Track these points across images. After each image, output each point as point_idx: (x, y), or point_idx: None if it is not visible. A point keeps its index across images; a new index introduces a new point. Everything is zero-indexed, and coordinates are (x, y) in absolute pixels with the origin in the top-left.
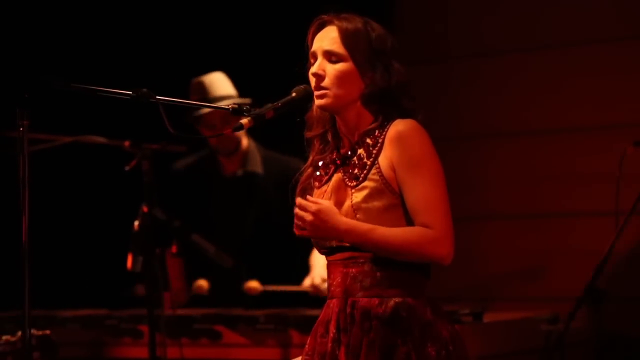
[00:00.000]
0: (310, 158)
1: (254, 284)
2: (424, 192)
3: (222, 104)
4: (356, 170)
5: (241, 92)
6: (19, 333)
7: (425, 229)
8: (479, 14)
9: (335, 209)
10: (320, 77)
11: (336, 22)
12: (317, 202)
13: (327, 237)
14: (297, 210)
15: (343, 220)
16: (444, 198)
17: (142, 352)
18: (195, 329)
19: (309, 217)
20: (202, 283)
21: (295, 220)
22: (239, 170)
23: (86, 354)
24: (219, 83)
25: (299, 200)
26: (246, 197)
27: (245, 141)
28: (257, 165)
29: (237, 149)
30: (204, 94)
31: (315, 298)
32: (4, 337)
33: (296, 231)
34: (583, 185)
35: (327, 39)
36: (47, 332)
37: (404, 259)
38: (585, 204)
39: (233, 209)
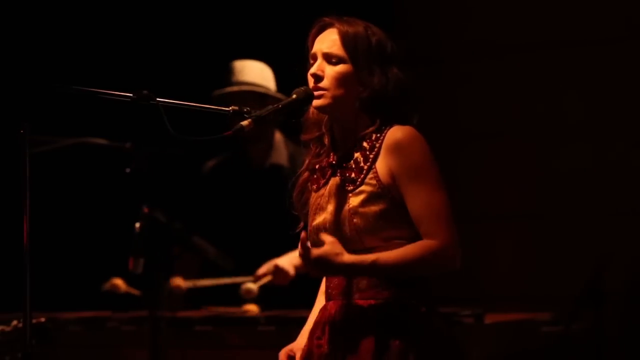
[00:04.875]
0: (307, 161)
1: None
2: (425, 200)
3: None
4: (353, 174)
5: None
6: (14, 322)
7: (429, 242)
8: (474, 15)
9: (335, 250)
10: (318, 78)
11: (337, 24)
12: (314, 251)
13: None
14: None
15: (345, 260)
16: (446, 204)
17: (143, 354)
18: (196, 331)
19: (311, 262)
20: (252, 307)
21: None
22: (266, 162)
23: (87, 356)
24: (248, 69)
25: (300, 245)
26: (271, 189)
27: (274, 133)
28: (283, 158)
29: (266, 138)
30: (232, 76)
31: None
32: None
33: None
34: (581, 187)
35: (327, 41)
36: (42, 319)
37: (418, 275)
38: (587, 205)
39: (258, 200)
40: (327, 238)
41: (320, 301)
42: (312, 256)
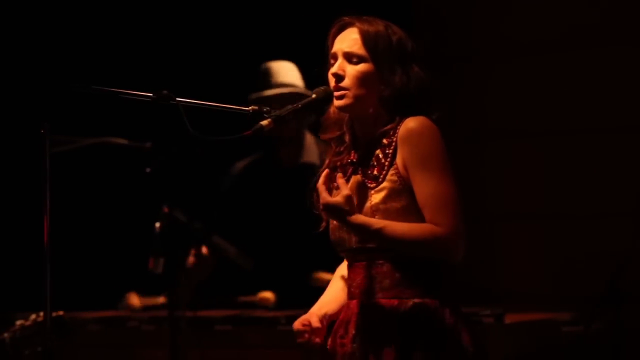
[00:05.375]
0: (327, 160)
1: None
2: (433, 188)
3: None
4: (375, 171)
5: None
6: (33, 316)
7: (434, 226)
8: (496, 14)
9: (346, 206)
10: (340, 78)
11: (357, 24)
12: (328, 199)
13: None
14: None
15: (352, 219)
16: (454, 195)
17: (163, 354)
18: (216, 331)
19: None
20: (268, 295)
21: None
22: (298, 162)
23: (107, 355)
24: (285, 71)
25: (318, 186)
26: (303, 187)
27: (305, 133)
28: (314, 157)
29: (297, 137)
30: (270, 78)
31: None
32: (19, 322)
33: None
34: (602, 186)
35: (348, 40)
36: (60, 312)
37: (417, 254)
38: (605, 205)
39: (290, 199)
40: (344, 190)
41: (335, 283)
42: (322, 201)
